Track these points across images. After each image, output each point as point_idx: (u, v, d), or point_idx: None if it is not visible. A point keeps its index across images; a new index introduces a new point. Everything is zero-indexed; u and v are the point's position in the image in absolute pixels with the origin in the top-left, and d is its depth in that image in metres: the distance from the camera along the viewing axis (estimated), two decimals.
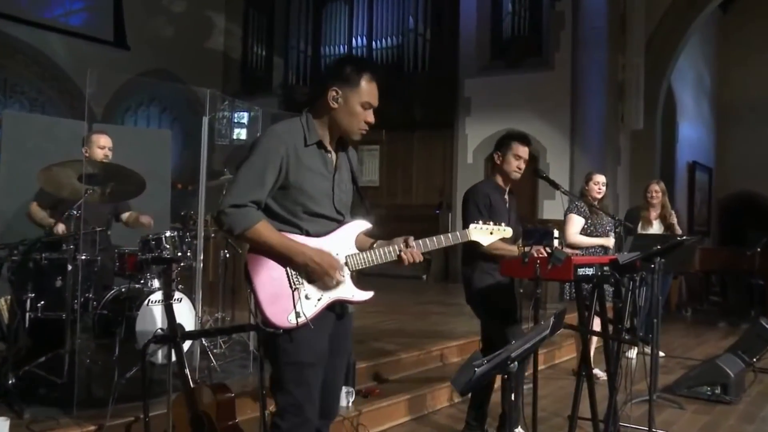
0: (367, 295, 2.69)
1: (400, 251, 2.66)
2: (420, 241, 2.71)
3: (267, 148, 2.51)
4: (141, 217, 5.27)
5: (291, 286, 2.52)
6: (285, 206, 2.56)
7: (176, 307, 4.33)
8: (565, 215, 6.09)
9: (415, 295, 11.01)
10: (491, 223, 2.97)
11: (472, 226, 2.91)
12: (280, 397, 2.57)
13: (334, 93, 2.58)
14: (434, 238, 2.75)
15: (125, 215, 5.33)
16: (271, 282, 2.50)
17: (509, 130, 4.65)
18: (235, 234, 2.46)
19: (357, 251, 2.66)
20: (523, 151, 4.34)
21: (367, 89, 2.63)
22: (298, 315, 2.50)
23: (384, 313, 8.31)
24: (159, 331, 4.33)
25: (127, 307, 4.53)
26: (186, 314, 4.73)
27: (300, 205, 2.56)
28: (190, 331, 4.51)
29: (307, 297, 2.54)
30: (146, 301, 4.56)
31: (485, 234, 2.92)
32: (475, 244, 4.29)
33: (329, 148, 2.66)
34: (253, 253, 2.52)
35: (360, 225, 2.72)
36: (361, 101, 2.61)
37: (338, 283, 2.58)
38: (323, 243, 2.60)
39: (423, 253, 2.72)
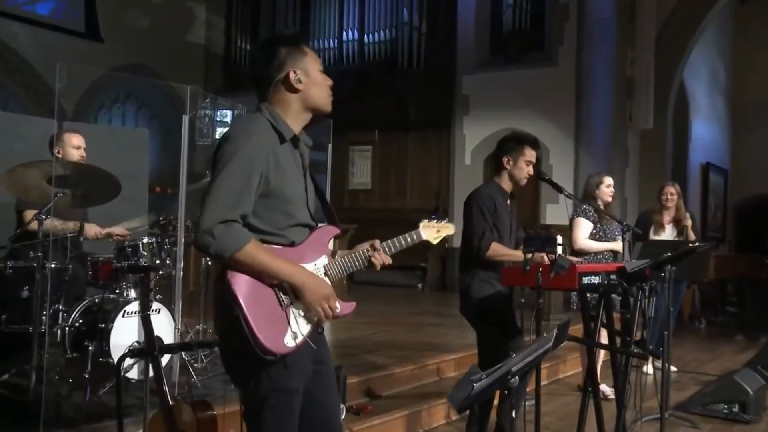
0: (351, 306, 2.60)
1: (370, 256, 2.66)
2: (384, 243, 2.70)
3: (249, 152, 2.35)
4: (109, 229, 5.11)
5: (282, 305, 2.40)
6: (266, 217, 2.42)
7: (154, 318, 4.32)
8: (572, 219, 6.12)
9: (409, 305, 11.00)
10: (435, 220, 2.99)
11: (422, 224, 2.93)
12: (257, 430, 2.43)
13: (293, 74, 2.52)
14: (396, 239, 2.75)
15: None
16: (259, 302, 2.35)
17: (516, 131, 4.67)
18: (225, 257, 2.29)
19: (332, 260, 2.61)
20: (534, 156, 4.39)
21: (312, 53, 2.60)
22: (295, 336, 2.39)
23: (376, 324, 8.29)
24: (135, 344, 4.33)
25: (101, 319, 4.51)
26: (165, 326, 4.71)
27: (284, 214, 2.45)
28: (168, 344, 4.49)
29: (300, 314, 2.43)
30: (121, 313, 4.54)
31: (433, 232, 2.95)
32: (472, 250, 4.29)
33: (299, 143, 2.56)
34: (238, 277, 2.35)
35: (330, 231, 2.63)
36: (318, 68, 2.59)
37: (329, 316, 2.47)
38: (304, 255, 2.51)
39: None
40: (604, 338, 4.73)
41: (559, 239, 4.03)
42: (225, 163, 2.34)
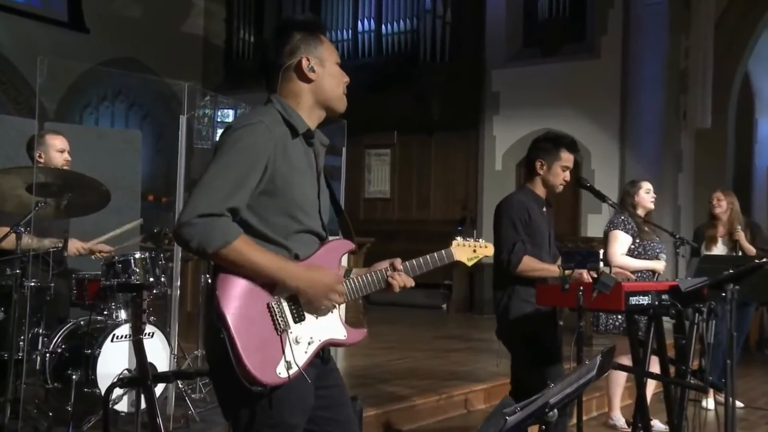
0: (361, 333, 2.58)
1: (388, 276, 2.61)
2: (407, 263, 2.67)
3: (253, 143, 2.33)
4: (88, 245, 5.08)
5: (277, 329, 2.34)
6: (269, 219, 2.39)
7: (147, 343, 4.33)
8: (607, 232, 6.07)
9: (432, 328, 10.97)
10: (471, 239, 2.96)
11: (454, 242, 2.90)
12: None
13: (306, 62, 2.51)
14: (421, 259, 2.71)
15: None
16: (250, 323, 2.31)
17: (552, 131, 4.65)
18: (208, 252, 2.25)
19: (344, 279, 2.56)
20: (571, 160, 4.37)
21: (329, 43, 2.60)
22: (289, 366, 2.33)
23: (395, 349, 8.29)
24: (125, 372, 4.35)
25: (87, 344, 4.53)
26: (159, 352, 4.73)
27: (289, 218, 2.41)
28: (163, 372, 4.50)
29: (297, 341, 2.38)
30: (110, 337, 4.56)
31: (467, 252, 2.92)
32: (504, 265, 4.27)
33: (313, 140, 2.55)
34: (224, 283, 2.32)
35: (344, 246, 2.61)
36: (334, 60, 2.58)
37: (332, 308, 2.48)
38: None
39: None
40: (655, 367, 4.69)
41: (602, 254, 4.01)
42: (223, 152, 2.34)
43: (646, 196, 6.08)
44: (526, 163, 4.51)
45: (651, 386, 5.74)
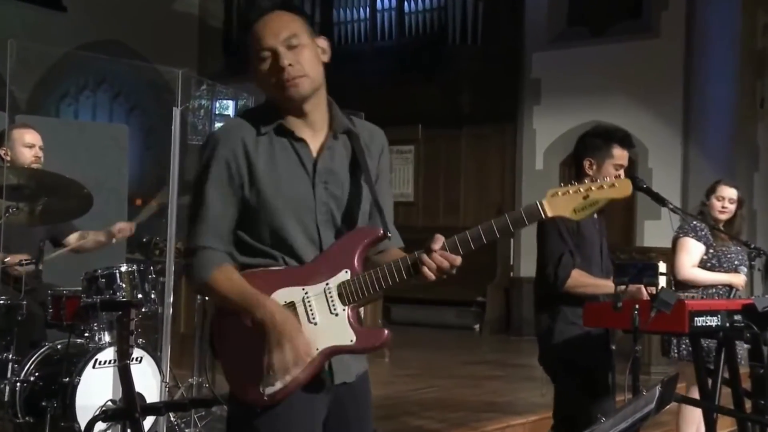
0: (378, 336, 2.52)
1: (417, 259, 2.46)
2: (453, 237, 2.50)
3: (208, 159, 2.52)
4: (110, 230, 5.25)
5: (260, 347, 2.42)
6: (252, 230, 2.54)
7: (134, 369, 4.34)
8: (676, 239, 6.02)
9: (463, 351, 10.92)
10: (574, 183, 2.54)
11: (549, 192, 2.49)
12: None
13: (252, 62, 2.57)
14: (479, 227, 2.50)
15: (73, 236, 5.32)
16: (239, 344, 2.49)
17: (601, 125, 4.63)
18: (194, 290, 2.63)
19: (357, 275, 2.50)
20: (625, 157, 4.34)
21: (256, 37, 2.52)
22: (272, 386, 2.40)
23: (421, 377, 8.27)
24: (109, 404, 4.35)
25: (65, 372, 4.54)
26: (148, 380, 4.73)
27: (265, 224, 2.51)
28: (153, 404, 4.51)
29: None
30: (92, 362, 4.57)
31: (573, 200, 2.46)
32: (548, 280, 4.24)
33: (299, 133, 2.55)
34: (216, 322, 2.57)
35: (363, 234, 2.57)
36: (256, 55, 2.53)
37: (295, 364, 2.42)
38: (313, 274, 2.50)
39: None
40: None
41: (662, 267, 3.98)
42: (195, 174, 2.56)
43: (717, 203, 5.96)
44: (574, 163, 4.50)
45: (722, 423, 5.69)
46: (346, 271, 2.49)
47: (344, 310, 2.46)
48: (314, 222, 2.53)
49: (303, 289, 2.47)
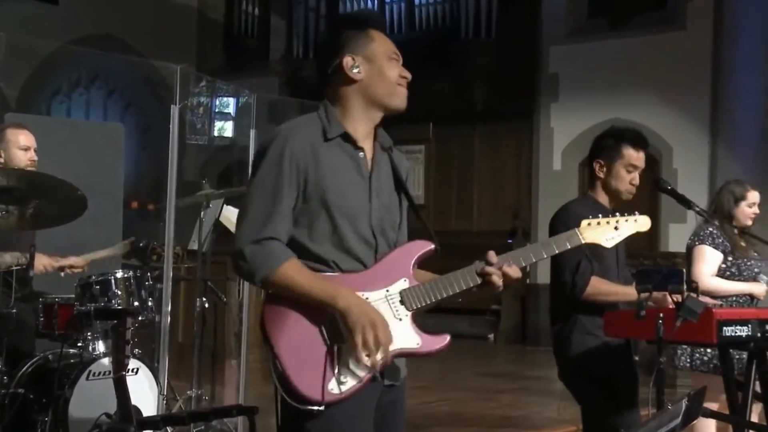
0: (441, 341, 2.74)
1: (482, 269, 2.73)
2: (508, 254, 2.80)
3: (276, 155, 2.65)
4: (60, 262, 5.06)
5: (326, 342, 2.59)
6: (312, 230, 2.68)
7: (130, 381, 4.34)
8: (692, 247, 5.96)
9: (477, 363, 10.94)
10: (610, 215, 2.99)
11: (584, 223, 2.92)
12: None
13: (350, 60, 2.75)
14: (529, 247, 2.85)
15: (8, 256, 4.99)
16: (300, 339, 2.60)
17: (614, 126, 4.62)
18: (256, 280, 2.61)
19: (416, 283, 2.74)
20: (639, 158, 4.32)
21: (383, 38, 2.82)
22: (341, 381, 2.56)
23: (434, 389, 8.26)
24: (104, 417, 4.35)
25: (57, 384, 4.53)
26: (145, 392, 4.73)
27: (327, 226, 2.68)
28: (150, 417, 4.51)
29: (350, 354, 2.59)
30: (86, 374, 4.57)
31: (605, 231, 2.93)
32: (565, 289, 4.24)
33: (360, 143, 2.77)
34: (272, 307, 2.64)
35: (418, 247, 2.81)
36: (387, 55, 2.80)
37: (382, 352, 2.60)
38: (370, 281, 2.69)
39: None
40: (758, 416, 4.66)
41: (686, 275, 3.97)
42: (255, 169, 2.69)
43: (748, 210, 5.93)
44: (589, 166, 4.49)
45: None
46: (405, 280, 2.73)
47: (407, 315, 2.70)
48: (370, 228, 2.74)
49: (363, 294, 2.64)
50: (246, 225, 2.63)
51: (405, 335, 2.68)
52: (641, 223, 2.98)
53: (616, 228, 2.95)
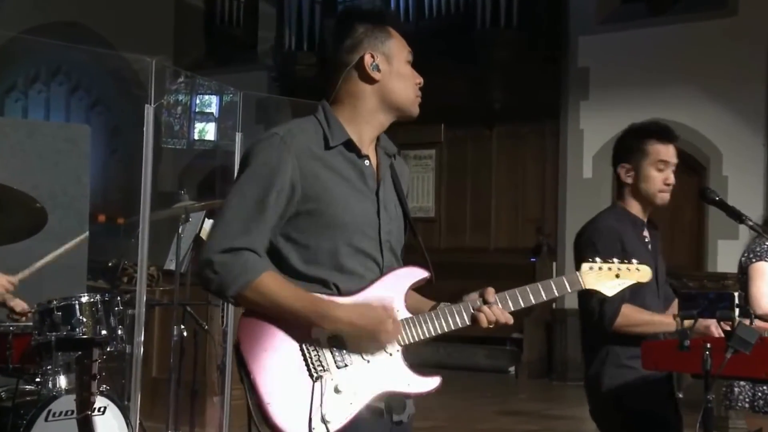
0: (431, 383, 2.77)
1: (474, 309, 2.78)
2: (504, 294, 2.82)
3: (266, 160, 2.68)
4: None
5: (311, 373, 2.60)
6: (309, 246, 2.72)
7: (98, 421, 4.35)
8: (746, 265, 5.99)
9: (497, 399, 10.95)
10: (614, 260, 3.07)
11: (585, 266, 3.02)
12: None
13: (370, 58, 2.81)
14: (526, 288, 2.86)
15: None
16: (280, 369, 2.60)
17: (637, 123, 4.61)
18: (228, 295, 2.62)
19: (409, 315, 2.77)
20: (668, 152, 4.31)
21: (400, 39, 2.90)
22: (326, 421, 2.56)
23: (447, 429, 8.30)
24: None
25: (11, 425, 4.53)
26: None
27: (335, 241, 2.72)
28: None
29: (337, 390, 2.62)
30: (45, 413, 4.57)
31: (606, 277, 3.01)
32: (595, 318, 4.25)
33: (365, 151, 2.81)
34: (249, 324, 2.65)
35: (410, 274, 2.82)
36: (404, 56, 2.88)
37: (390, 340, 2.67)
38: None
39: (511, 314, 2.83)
40: None
41: (739, 297, 3.97)
42: (238, 175, 2.72)
43: None
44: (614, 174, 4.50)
45: None
46: (397, 311, 2.75)
47: (398, 351, 2.74)
48: (378, 244, 2.79)
49: (335, 300, 2.67)
50: (219, 232, 2.65)
51: (395, 374, 2.72)
52: (643, 273, 3.11)
53: (617, 276, 3.05)
